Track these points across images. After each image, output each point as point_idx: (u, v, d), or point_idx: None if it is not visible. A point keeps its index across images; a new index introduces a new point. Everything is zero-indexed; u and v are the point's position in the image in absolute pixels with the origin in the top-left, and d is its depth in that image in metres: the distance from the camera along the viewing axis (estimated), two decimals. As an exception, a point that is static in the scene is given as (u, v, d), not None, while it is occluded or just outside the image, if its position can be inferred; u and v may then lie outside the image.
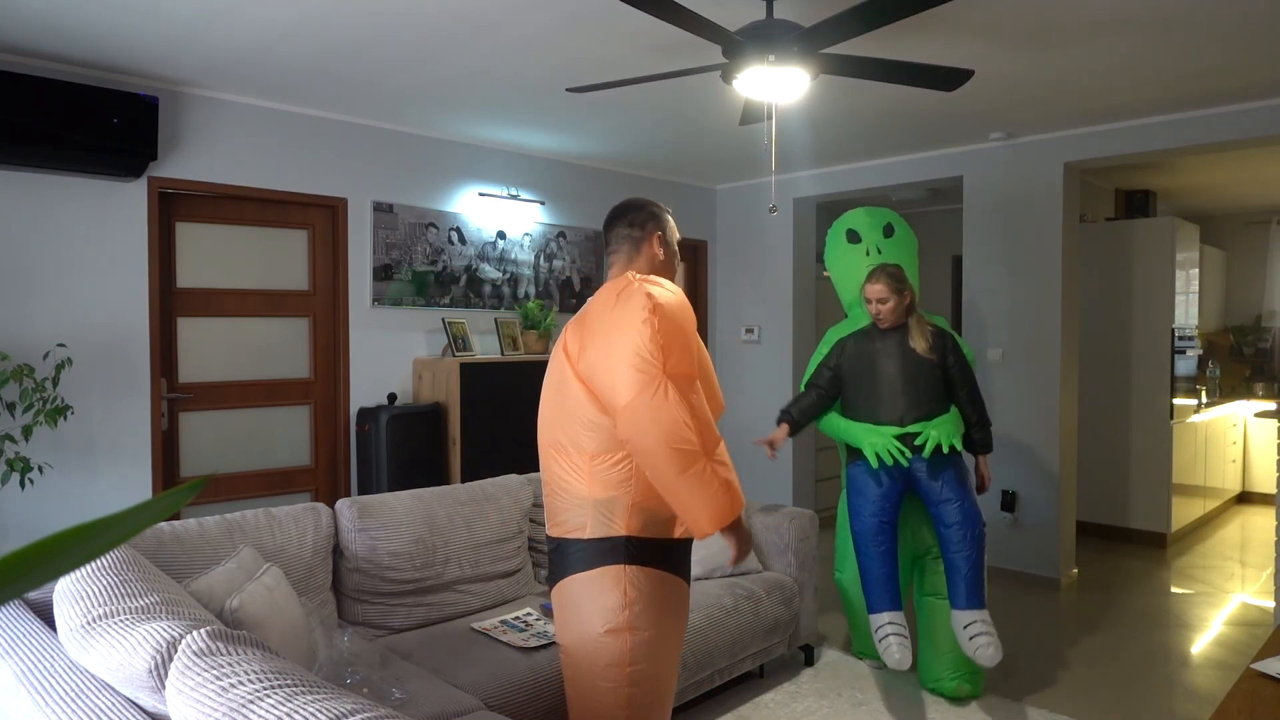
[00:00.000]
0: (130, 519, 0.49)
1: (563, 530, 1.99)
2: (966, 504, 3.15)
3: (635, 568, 1.93)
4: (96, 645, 1.52)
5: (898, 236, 3.59)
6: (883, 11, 2.38)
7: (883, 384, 3.27)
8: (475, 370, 4.49)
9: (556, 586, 2.02)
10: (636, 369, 1.84)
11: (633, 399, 1.83)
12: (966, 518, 3.13)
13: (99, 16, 2.98)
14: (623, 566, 1.93)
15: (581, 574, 1.95)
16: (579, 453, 1.94)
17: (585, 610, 1.95)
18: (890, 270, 3.30)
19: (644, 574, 1.93)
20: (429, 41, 3.25)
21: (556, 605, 2.02)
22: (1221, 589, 4.80)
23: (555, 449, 2.00)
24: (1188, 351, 6.00)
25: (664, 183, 6.08)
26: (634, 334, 1.86)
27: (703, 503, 1.84)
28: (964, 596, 3.09)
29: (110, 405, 3.66)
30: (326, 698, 1.23)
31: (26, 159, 3.35)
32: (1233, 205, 7.30)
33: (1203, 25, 3.10)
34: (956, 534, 3.12)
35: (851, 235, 3.62)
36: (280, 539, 2.68)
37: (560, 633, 2.03)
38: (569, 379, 1.97)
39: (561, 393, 1.99)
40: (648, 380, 1.83)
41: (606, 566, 1.93)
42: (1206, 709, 3.25)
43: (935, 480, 3.17)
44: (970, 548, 3.10)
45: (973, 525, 3.13)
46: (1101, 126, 4.59)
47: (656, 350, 1.84)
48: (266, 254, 4.24)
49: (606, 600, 1.92)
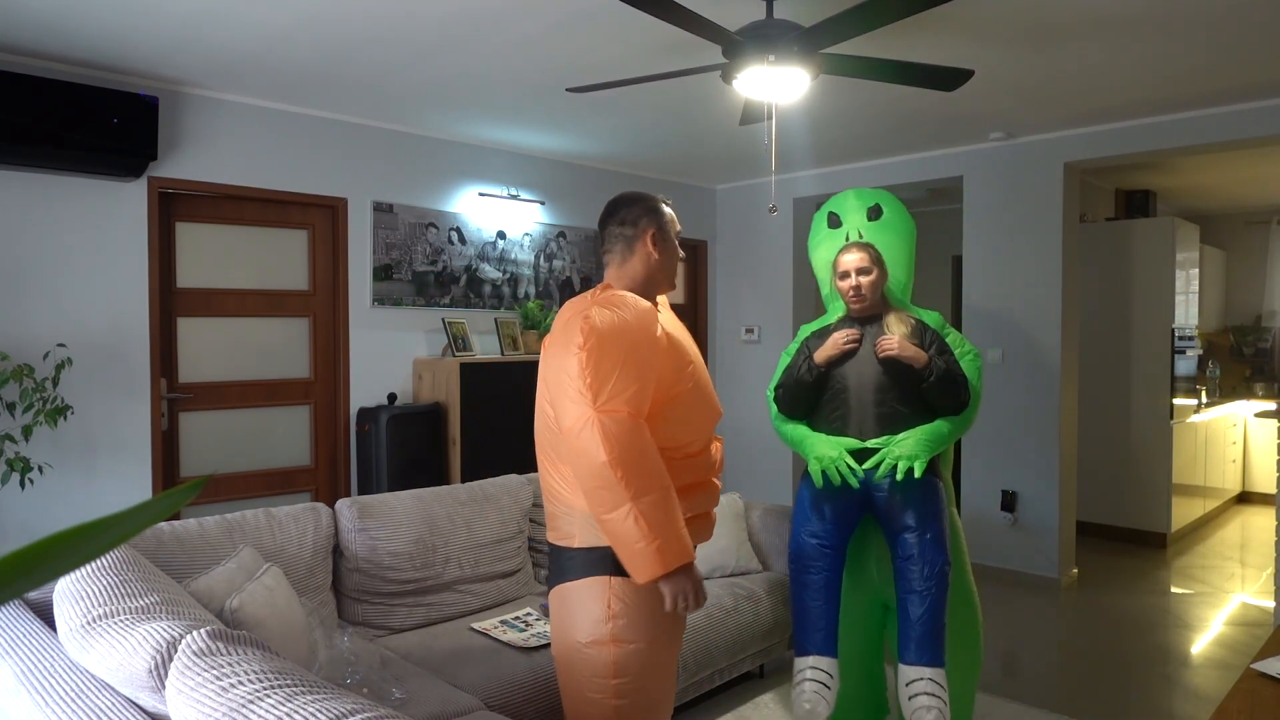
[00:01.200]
0: (130, 519, 0.49)
1: (556, 537, 1.97)
2: (929, 536, 2.58)
3: (621, 580, 1.86)
4: (96, 645, 1.52)
5: (886, 220, 2.99)
6: (883, 11, 2.38)
7: (849, 388, 2.72)
8: (475, 370, 4.49)
9: (552, 591, 2.01)
10: (570, 400, 1.80)
11: (566, 429, 1.81)
12: (924, 551, 2.57)
13: (99, 16, 2.98)
14: (608, 578, 1.87)
15: (571, 582, 1.92)
16: (564, 464, 1.90)
17: (572, 620, 1.92)
18: (869, 243, 2.84)
19: (630, 586, 1.86)
20: (429, 42, 3.25)
21: (552, 610, 2.02)
22: (1221, 589, 4.80)
23: (545, 458, 1.98)
24: (1188, 351, 6.00)
25: (664, 183, 6.08)
26: (570, 362, 1.80)
27: (624, 550, 1.78)
28: (912, 648, 2.54)
29: (110, 405, 3.66)
30: (326, 698, 1.23)
31: (26, 159, 3.35)
32: (1233, 205, 7.30)
33: (1203, 25, 3.10)
34: (912, 570, 2.56)
35: (832, 219, 3.09)
36: (280, 539, 2.67)
37: (553, 639, 2.01)
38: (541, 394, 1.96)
39: (541, 405, 1.96)
40: (576, 413, 1.77)
41: (593, 577, 1.88)
42: (1206, 709, 3.25)
43: (895, 504, 2.63)
44: (927, 588, 2.55)
45: (933, 562, 2.56)
46: (1101, 126, 4.59)
47: (584, 384, 1.76)
48: (266, 254, 4.24)
49: (591, 612, 1.88)
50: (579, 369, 1.77)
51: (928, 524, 2.59)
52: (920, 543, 2.58)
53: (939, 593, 2.56)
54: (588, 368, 1.77)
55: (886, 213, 3.01)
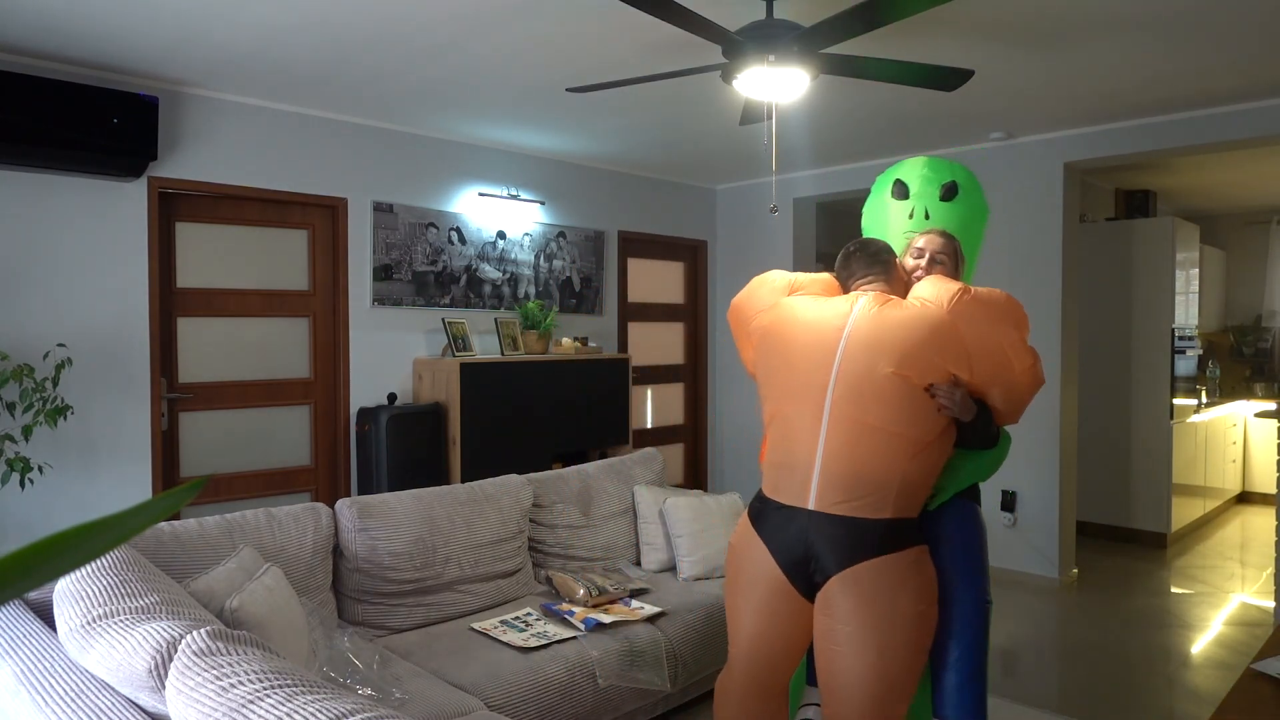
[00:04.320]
0: (130, 519, 0.49)
1: (871, 510, 2.10)
2: (966, 563, 2.20)
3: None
4: (96, 645, 1.52)
5: (962, 201, 2.52)
6: (883, 11, 2.37)
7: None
8: (475, 370, 4.49)
9: (869, 564, 2.07)
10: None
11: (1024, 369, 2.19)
12: (963, 586, 2.18)
13: (99, 16, 2.98)
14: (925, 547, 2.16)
15: (897, 553, 2.11)
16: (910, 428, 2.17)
17: (905, 588, 2.13)
18: (953, 235, 2.43)
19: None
20: (429, 42, 3.25)
21: (869, 584, 2.08)
22: (1221, 589, 4.80)
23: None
24: (1188, 351, 6.00)
25: (664, 183, 6.08)
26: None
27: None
28: (952, 701, 2.14)
29: (110, 405, 3.66)
30: (326, 698, 1.23)
31: (26, 159, 3.35)
32: (1233, 205, 7.30)
33: (1203, 25, 3.10)
34: (945, 609, 2.17)
35: (899, 188, 2.58)
36: (280, 539, 2.67)
37: (874, 614, 2.07)
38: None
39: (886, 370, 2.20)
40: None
41: (916, 546, 2.14)
42: (1206, 709, 3.25)
43: (932, 533, 2.23)
44: (963, 626, 2.16)
45: (970, 593, 2.17)
46: (1101, 126, 4.59)
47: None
48: (266, 254, 4.24)
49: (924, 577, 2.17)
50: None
51: (966, 560, 2.21)
52: (960, 580, 2.18)
53: (978, 638, 2.16)
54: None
55: (962, 193, 2.54)
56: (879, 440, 2.00)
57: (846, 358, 2.06)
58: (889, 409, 2.00)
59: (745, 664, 2.19)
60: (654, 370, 6.16)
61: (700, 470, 6.47)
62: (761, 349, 2.25)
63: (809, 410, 2.08)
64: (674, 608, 3.10)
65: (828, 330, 2.11)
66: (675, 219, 6.19)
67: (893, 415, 2.00)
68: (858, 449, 2.01)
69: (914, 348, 2.02)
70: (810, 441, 2.06)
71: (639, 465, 3.95)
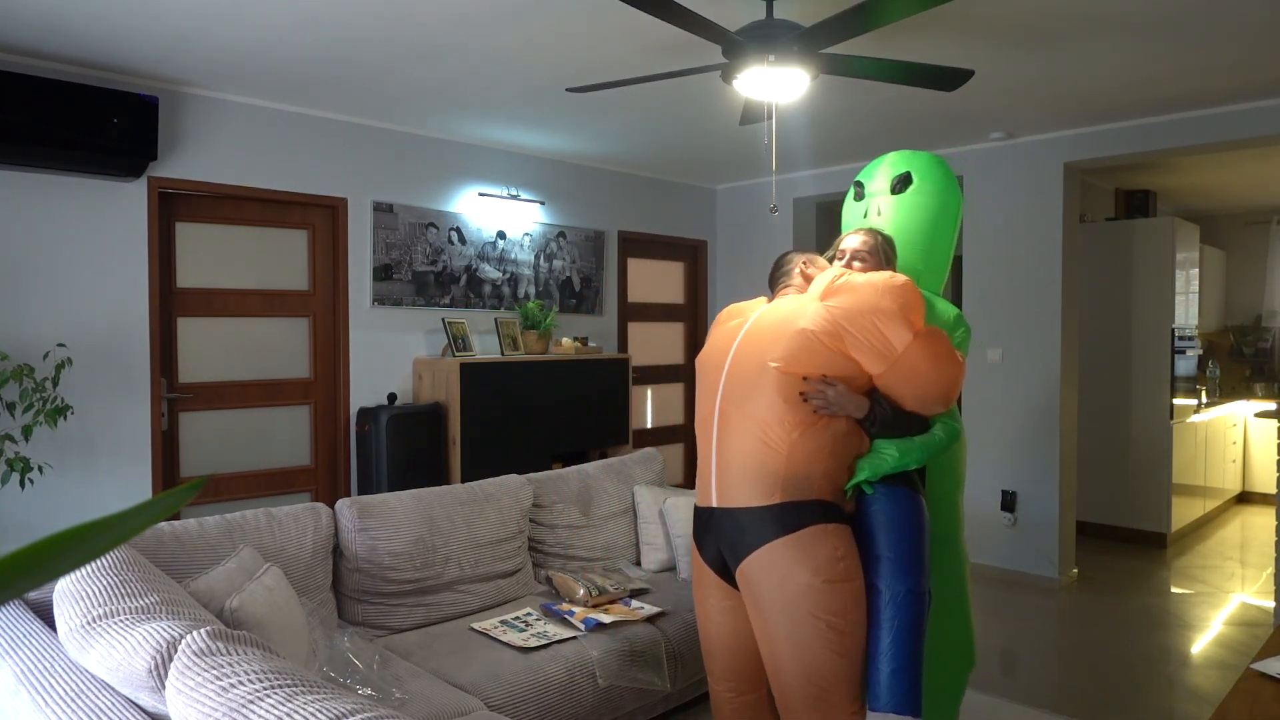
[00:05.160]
0: (130, 519, 0.49)
1: (765, 497, 2.15)
2: (896, 551, 2.14)
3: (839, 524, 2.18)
4: (96, 645, 1.52)
5: (919, 190, 2.45)
6: (883, 11, 2.37)
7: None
8: (475, 370, 4.49)
9: (771, 545, 2.12)
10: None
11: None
12: (892, 575, 2.12)
13: (99, 16, 2.98)
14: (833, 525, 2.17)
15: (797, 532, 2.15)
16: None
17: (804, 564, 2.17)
18: (882, 233, 2.41)
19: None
20: (429, 42, 3.25)
21: (771, 564, 2.13)
22: (1221, 589, 4.80)
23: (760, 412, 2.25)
24: (1188, 351, 6.00)
25: (664, 183, 6.08)
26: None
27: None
28: (883, 691, 2.08)
29: (110, 405, 3.66)
30: (326, 698, 1.22)
31: (26, 159, 3.35)
32: (1233, 205, 7.30)
33: (1203, 25, 3.10)
34: (876, 598, 2.13)
35: (857, 189, 2.59)
36: (280, 539, 2.67)
37: (775, 590, 2.12)
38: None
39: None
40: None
41: (822, 524, 2.16)
42: (1206, 709, 3.25)
43: (861, 517, 2.20)
44: (892, 615, 2.11)
45: (901, 583, 2.12)
46: (1101, 126, 4.59)
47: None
48: (266, 254, 4.24)
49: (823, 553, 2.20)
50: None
51: (894, 541, 2.16)
52: (888, 566, 2.15)
53: (910, 620, 2.11)
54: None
55: (918, 182, 2.47)
56: (756, 429, 2.07)
57: (734, 360, 2.18)
58: (764, 399, 2.07)
59: (711, 661, 2.30)
60: (654, 370, 6.16)
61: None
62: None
63: (707, 416, 2.21)
64: (674, 608, 3.10)
65: (726, 340, 2.25)
66: (675, 219, 6.19)
67: (767, 403, 2.06)
68: (739, 441, 2.09)
69: (788, 338, 2.08)
70: (708, 444, 2.19)
71: (639, 465, 3.95)
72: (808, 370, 2.05)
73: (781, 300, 2.28)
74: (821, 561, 2.02)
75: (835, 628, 2.02)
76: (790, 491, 2.04)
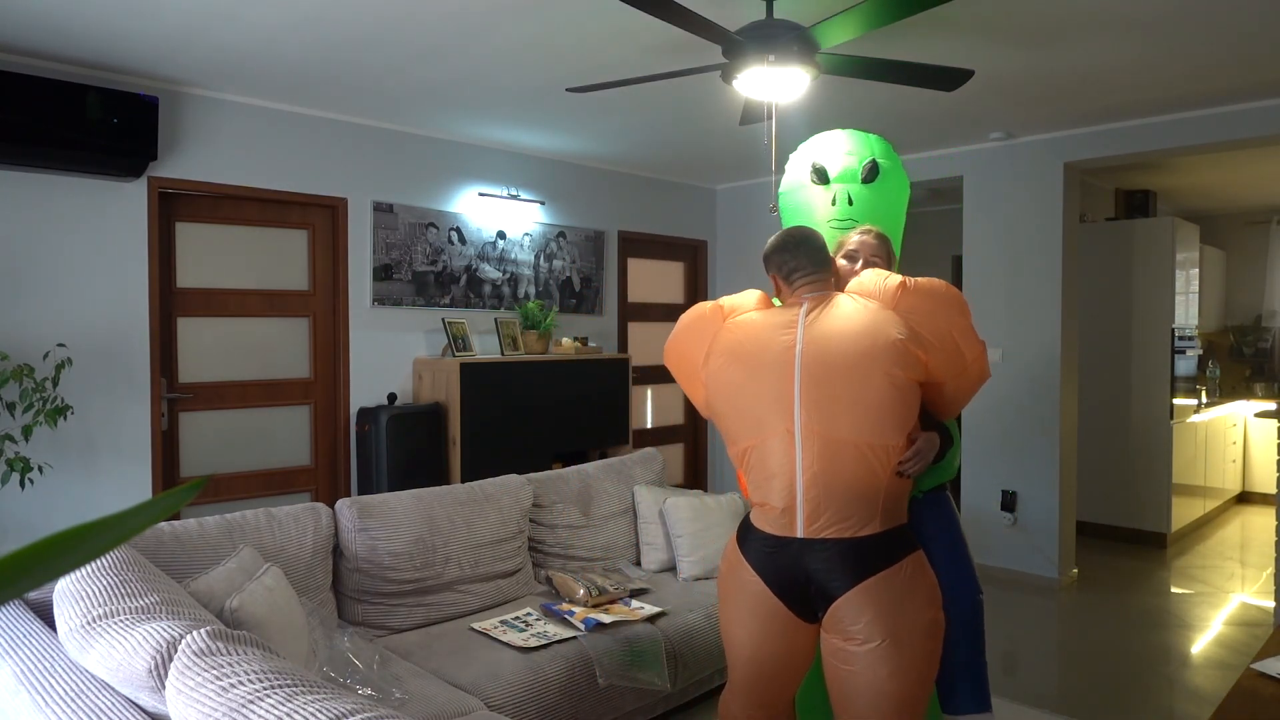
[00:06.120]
0: (130, 519, 0.49)
1: (868, 528, 2.04)
2: (955, 567, 2.23)
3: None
4: (96, 645, 1.52)
5: (884, 180, 2.42)
6: (883, 11, 2.37)
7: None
8: (475, 370, 4.49)
9: (879, 577, 1.98)
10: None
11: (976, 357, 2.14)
12: (961, 584, 2.22)
13: (99, 16, 2.98)
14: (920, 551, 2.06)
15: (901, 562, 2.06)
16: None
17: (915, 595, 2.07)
18: (883, 234, 2.34)
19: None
20: (429, 42, 3.25)
21: (880, 597, 2.00)
22: (1221, 589, 4.80)
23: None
24: (1188, 351, 6.00)
25: (664, 183, 6.08)
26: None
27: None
28: (966, 697, 2.20)
29: (110, 405, 3.66)
30: (326, 698, 1.22)
31: (26, 159, 3.35)
32: (1233, 205, 7.30)
33: (1203, 25, 3.10)
34: (949, 607, 2.18)
35: (818, 173, 2.46)
36: (280, 539, 2.67)
37: (892, 621, 1.99)
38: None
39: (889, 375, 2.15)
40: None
41: (915, 552, 2.08)
42: (1206, 709, 3.25)
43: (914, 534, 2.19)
44: (966, 623, 2.22)
45: (967, 596, 2.22)
46: (1101, 126, 4.59)
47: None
48: (266, 254, 4.24)
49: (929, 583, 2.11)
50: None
51: (950, 551, 2.24)
52: (948, 574, 2.19)
53: (972, 628, 2.22)
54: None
55: (883, 172, 2.43)
56: (853, 455, 1.91)
57: (806, 375, 1.95)
58: (857, 420, 1.91)
59: (746, 686, 2.13)
60: (654, 370, 6.16)
61: (700, 470, 6.48)
62: (715, 385, 2.10)
63: (780, 436, 1.97)
64: (674, 608, 3.10)
65: (781, 349, 2.00)
66: (675, 219, 6.19)
67: (861, 426, 1.91)
68: (835, 467, 1.92)
69: (894, 352, 1.92)
70: (788, 469, 1.96)
71: (639, 465, 3.95)
72: (892, 376, 1.93)
73: (841, 307, 2.03)
74: (929, 591, 1.97)
75: (936, 658, 1.99)
76: (887, 519, 1.94)
